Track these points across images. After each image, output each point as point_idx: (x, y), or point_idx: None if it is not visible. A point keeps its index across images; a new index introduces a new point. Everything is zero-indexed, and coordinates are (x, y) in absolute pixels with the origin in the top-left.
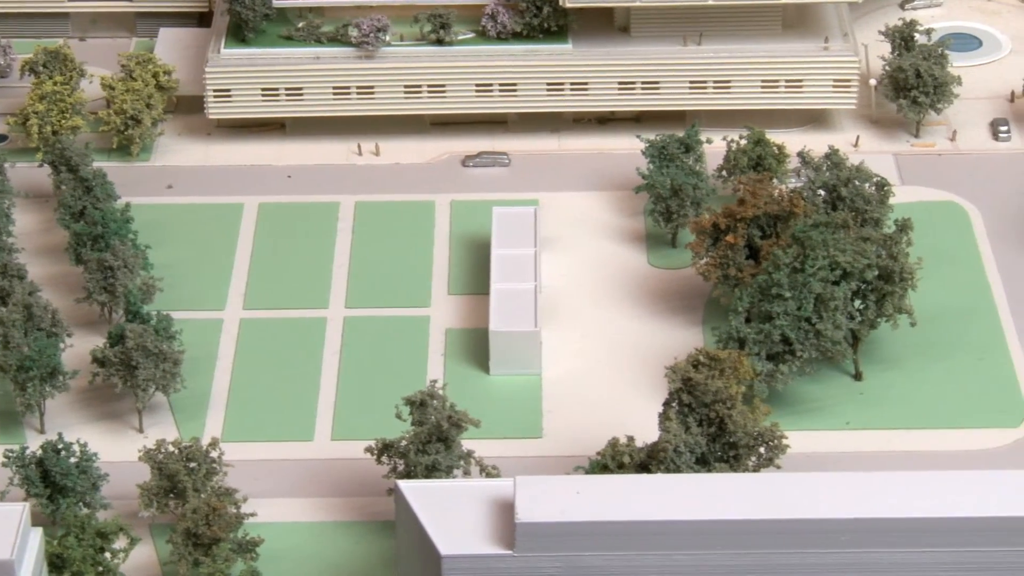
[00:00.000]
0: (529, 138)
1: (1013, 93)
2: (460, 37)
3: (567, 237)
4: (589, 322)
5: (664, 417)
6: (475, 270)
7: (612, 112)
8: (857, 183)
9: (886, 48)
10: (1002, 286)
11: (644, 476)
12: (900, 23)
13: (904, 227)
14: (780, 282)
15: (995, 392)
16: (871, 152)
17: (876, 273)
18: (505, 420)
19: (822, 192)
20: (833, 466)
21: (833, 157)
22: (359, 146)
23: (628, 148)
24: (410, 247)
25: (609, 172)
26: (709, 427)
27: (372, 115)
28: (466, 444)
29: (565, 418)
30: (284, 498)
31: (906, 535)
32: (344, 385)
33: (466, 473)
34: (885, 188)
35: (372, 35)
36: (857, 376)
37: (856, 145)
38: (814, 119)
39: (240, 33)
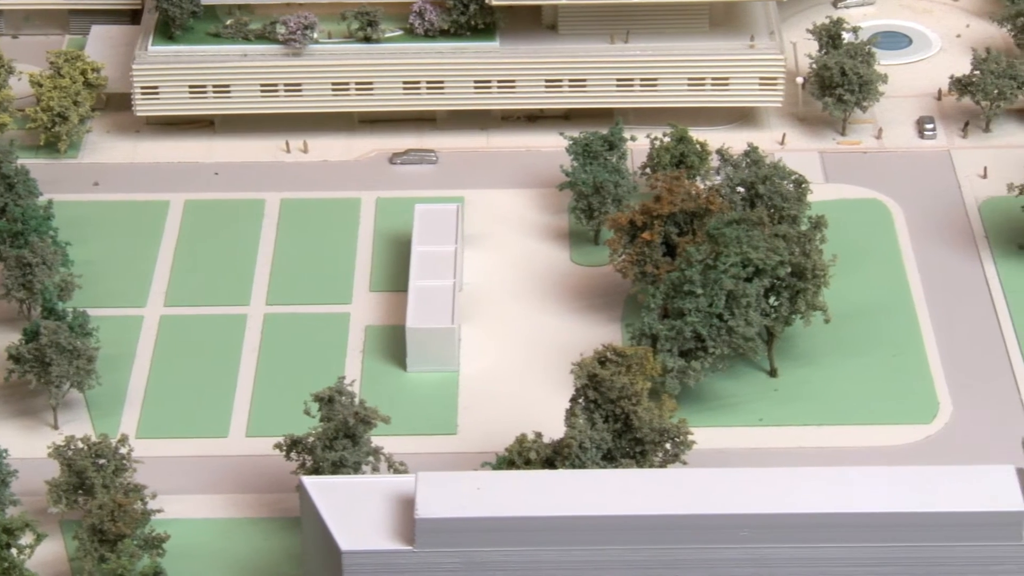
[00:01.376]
0: (457, 135)
1: (940, 91)
2: (388, 35)
3: (492, 234)
4: (510, 319)
5: (570, 413)
6: (397, 267)
7: (541, 110)
8: (776, 180)
9: (815, 46)
10: (920, 283)
11: (545, 472)
12: (828, 21)
13: (818, 224)
14: (692, 279)
15: (909, 389)
16: (797, 150)
17: (789, 270)
18: (421, 417)
19: (741, 189)
20: (745, 462)
21: (752, 154)
22: (287, 143)
23: (556, 145)
24: (334, 244)
25: (536, 169)
26: (615, 423)
27: (300, 112)
28: (380, 441)
29: (481, 414)
30: (196, 494)
31: (804, 531)
32: (261, 382)
33: (375, 469)
34: (803, 185)
35: (299, 32)
36: (772, 372)
37: (783, 143)
38: (742, 117)
39: (168, 30)
